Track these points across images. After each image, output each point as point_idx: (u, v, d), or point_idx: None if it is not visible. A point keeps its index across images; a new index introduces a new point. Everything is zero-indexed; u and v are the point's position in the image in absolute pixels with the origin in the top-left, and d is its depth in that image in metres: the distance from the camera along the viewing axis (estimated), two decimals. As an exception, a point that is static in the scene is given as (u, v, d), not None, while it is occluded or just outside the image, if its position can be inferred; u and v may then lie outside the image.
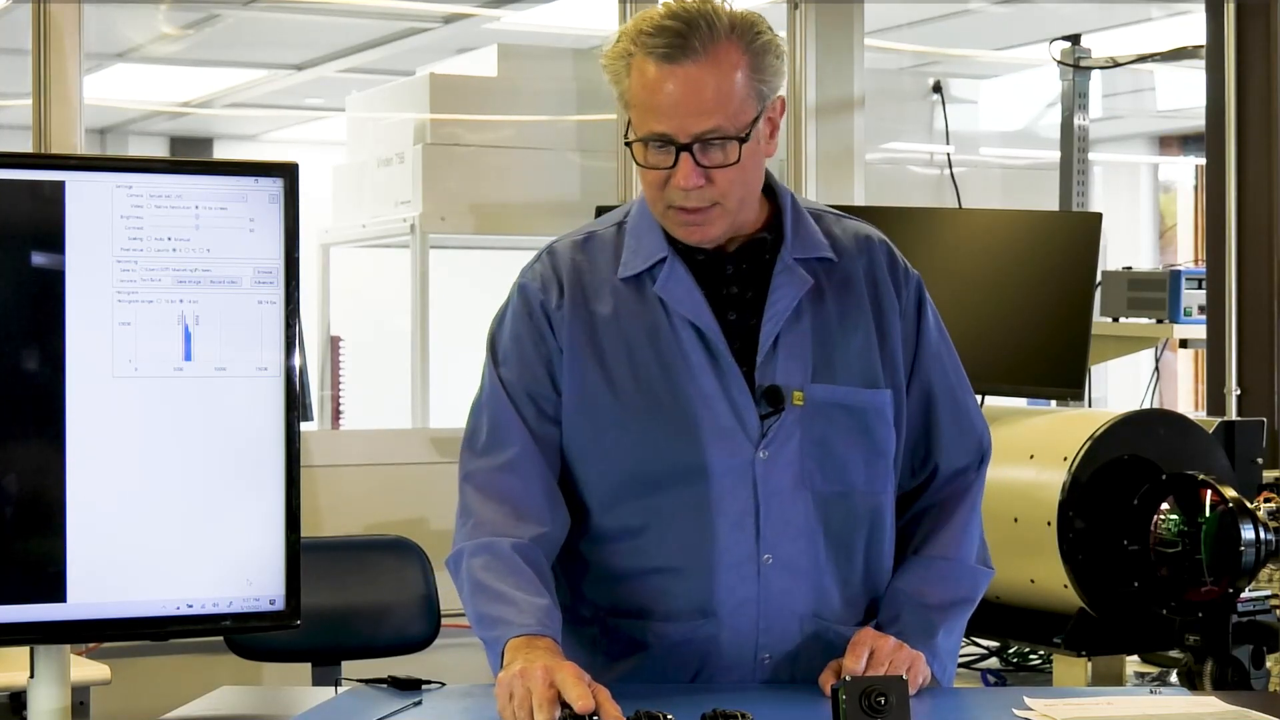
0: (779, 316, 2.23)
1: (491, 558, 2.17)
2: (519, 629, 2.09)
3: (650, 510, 2.22)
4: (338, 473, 4.54)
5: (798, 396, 2.22)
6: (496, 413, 2.27)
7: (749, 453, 2.21)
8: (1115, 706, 2.15)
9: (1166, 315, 4.41)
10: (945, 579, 2.32)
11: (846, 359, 2.26)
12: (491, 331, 2.32)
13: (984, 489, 2.40)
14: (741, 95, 2.14)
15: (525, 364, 2.26)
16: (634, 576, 2.25)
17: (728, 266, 2.25)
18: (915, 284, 2.34)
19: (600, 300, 2.25)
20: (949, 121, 6.36)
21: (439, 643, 3.49)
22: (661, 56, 2.12)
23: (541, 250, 2.32)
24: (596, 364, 2.23)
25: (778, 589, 2.23)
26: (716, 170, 2.14)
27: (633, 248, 2.26)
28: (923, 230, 3.71)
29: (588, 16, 6.09)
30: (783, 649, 2.24)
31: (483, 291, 4.82)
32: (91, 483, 2.09)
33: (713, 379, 2.21)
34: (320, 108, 8.82)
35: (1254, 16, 4.31)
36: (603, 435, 2.24)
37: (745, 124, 2.15)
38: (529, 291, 2.28)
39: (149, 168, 2.15)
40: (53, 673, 2.15)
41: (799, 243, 2.26)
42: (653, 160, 2.16)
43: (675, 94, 2.12)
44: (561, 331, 2.25)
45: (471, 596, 2.17)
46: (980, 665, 3.56)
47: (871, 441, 2.27)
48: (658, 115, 2.13)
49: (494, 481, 2.24)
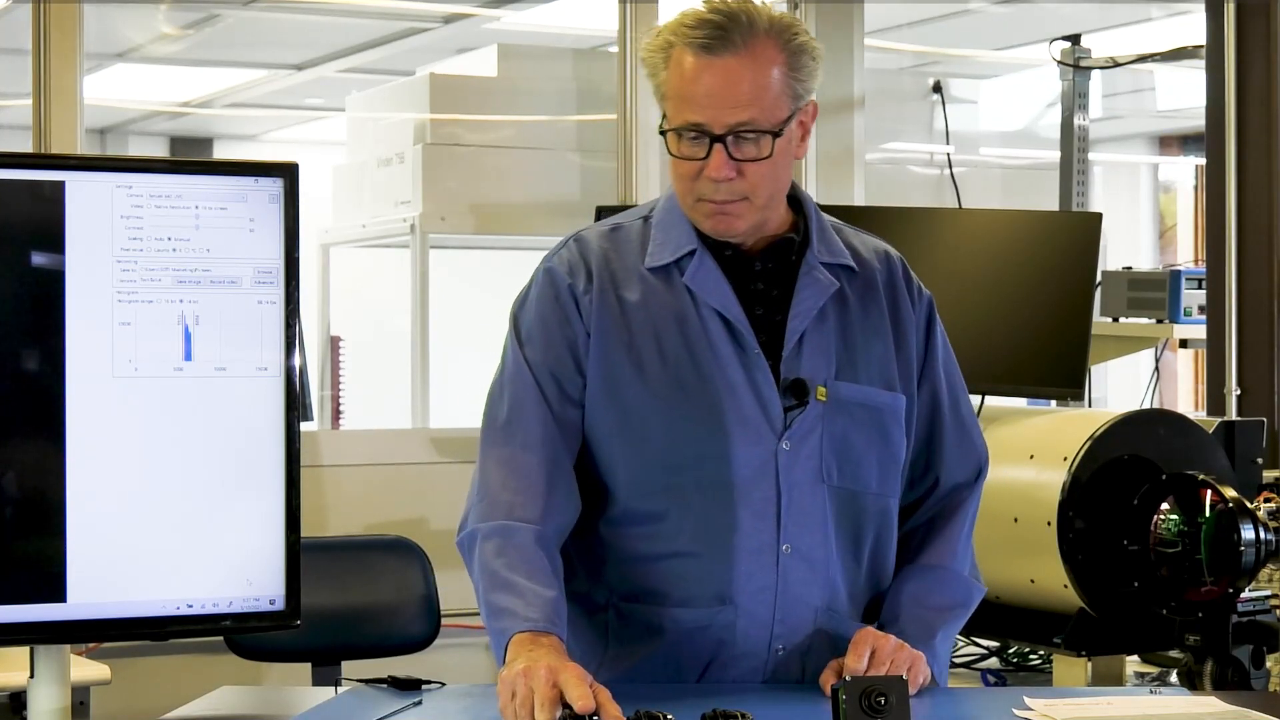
0: (806, 314, 2.25)
1: (504, 542, 2.17)
2: (525, 624, 2.09)
3: (673, 495, 2.23)
4: (338, 473, 4.54)
5: (821, 392, 2.24)
6: (519, 392, 2.27)
7: (772, 443, 2.23)
8: (1115, 706, 2.15)
9: (1166, 315, 4.41)
10: (944, 585, 2.34)
11: (868, 360, 2.29)
12: (514, 312, 2.32)
13: (977, 509, 2.42)
14: (777, 91, 2.17)
15: (550, 345, 2.26)
16: (653, 561, 2.26)
17: (755, 264, 2.28)
18: (927, 303, 2.38)
19: (628, 287, 2.26)
20: (949, 121, 6.36)
21: (439, 643, 3.49)
22: (701, 47, 2.15)
23: (568, 238, 2.34)
24: (624, 348, 2.24)
25: (795, 579, 2.24)
26: (748, 164, 2.17)
27: (660, 240, 2.28)
28: (923, 230, 3.71)
29: (588, 16, 6.10)
30: (795, 640, 2.26)
31: (483, 291, 4.84)
32: (91, 483, 2.09)
33: (739, 369, 2.23)
34: (320, 108, 8.82)
35: (1254, 16, 4.31)
36: (629, 418, 2.24)
37: (779, 120, 2.18)
38: (556, 275, 2.29)
39: (149, 168, 2.15)
40: (53, 673, 2.15)
41: (824, 247, 2.30)
42: (686, 151, 2.18)
43: (712, 85, 2.15)
44: (589, 315, 2.25)
45: (482, 581, 2.17)
46: (980, 665, 3.56)
47: (887, 444, 2.30)
48: (694, 105, 2.16)
49: (512, 462, 2.23)
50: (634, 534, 2.27)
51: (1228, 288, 4.33)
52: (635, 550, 2.27)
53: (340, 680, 2.30)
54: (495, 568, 2.16)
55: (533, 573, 2.15)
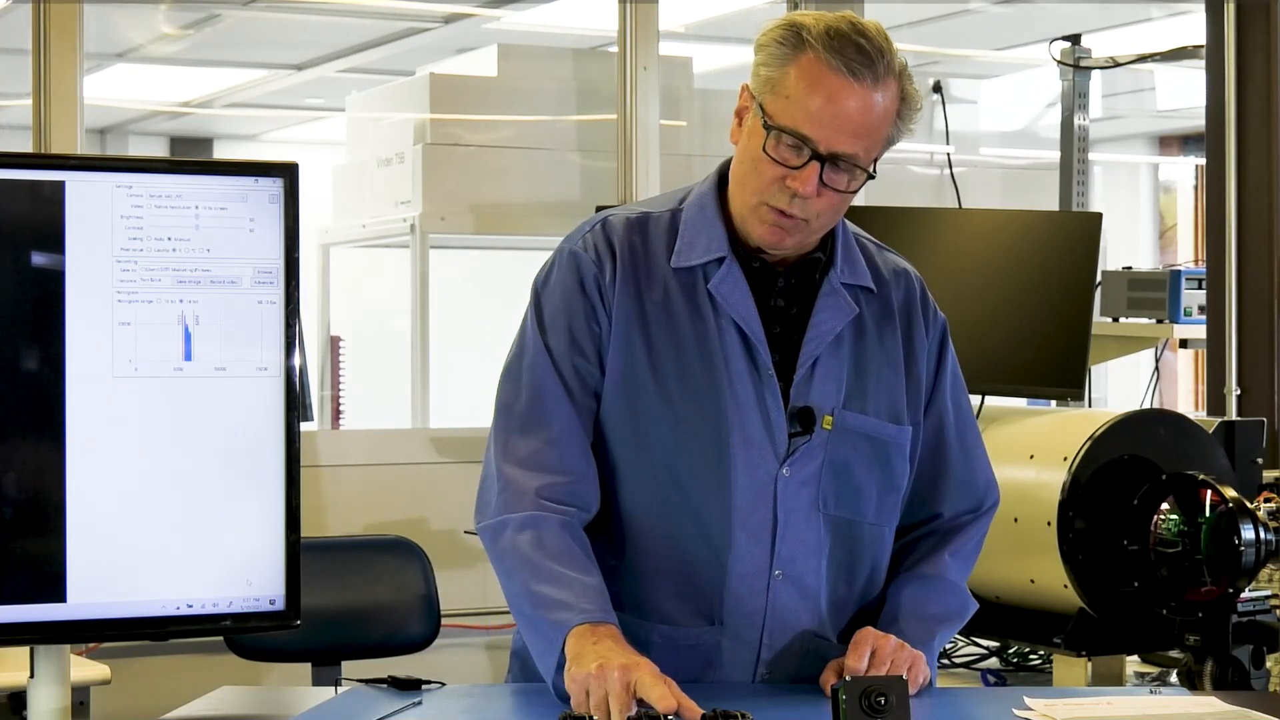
0: (822, 338, 2.23)
1: (539, 533, 2.15)
2: (581, 615, 2.08)
3: (670, 507, 2.22)
4: (338, 473, 4.54)
5: (828, 421, 2.22)
6: (540, 381, 2.23)
7: (773, 468, 2.21)
8: (1115, 706, 2.15)
9: (1166, 315, 4.41)
10: (942, 594, 2.33)
11: (878, 391, 2.26)
12: (536, 289, 2.28)
13: (985, 537, 2.41)
14: (883, 134, 2.16)
15: (574, 334, 2.23)
16: (646, 575, 2.24)
17: (779, 280, 2.25)
18: (941, 326, 2.35)
19: (652, 284, 2.23)
20: (949, 121, 6.36)
21: (439, 643, 3.49)
22: (845, 67, 2.10)
23: (594, 220, 2.29)
24: (644, 347, 2.22)
25: (785, 605, 2.23)
26: (830, 191, 2.14)
27: (689, 239, 2.24)
28: (923, 230, 3.71)
29: (588, 16, 6.10)
30: (782, 665, 2.25)
31: (483, 291, 4.85)
32: (91, 483, 2.09)
33: (750, 389, 2.21)
34: (320, 108, 8.83)
35: (1254, 16, 4.31)
36: (637, 420, 2.22)
37: (873, 160, 2.16)
38: (582, 261, 2.24)
39: (149, 168, 2.15)
40: (53, 673, 2.15)
41: (847, 268, 2.27)
42: (782, 155, 2.14)
43: (841, 108, 2.11)
44: (613, 307, 2.22)
45: (521, 571, 2.15)
46: (980, 665, 3.55)
47: (888, 475, 2.28)
48: (813, 119, 2.11)
49: (539, 455, 2.20)
50: (628, 543, 2.25)
51: (1228, 288, 4.33)
52: (628, 560, 2.25)
53: (340, 680, 2.30)
54: (536, 558, 2.14)
55: (574, 563, 2.14)
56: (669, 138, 4.98)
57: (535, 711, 2.13)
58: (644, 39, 4.94)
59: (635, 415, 2.22)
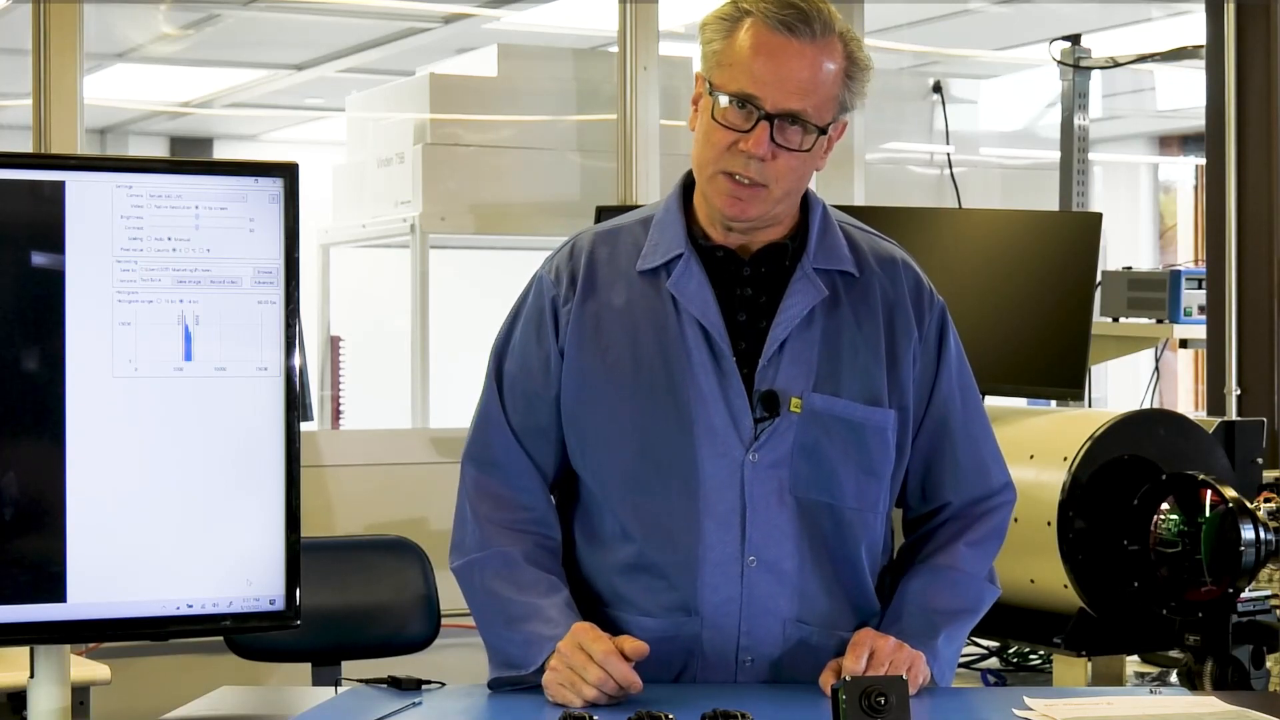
0: (789, 321, 2.24)
1: (506, 568, 2.27)
2: (551, 641, 2.19)
3: (640, 503, 2.25)
4: (338, 473, 4.54)
5: (796, 404, 2.23)
6: (487, 409, 2.35)
7: (739, 455, 2.22)
8: (1115, 706, 2.15)
9: (1166, 315, 4.41)
10: (954, 587, 2.33)
11: (852, 373, 2.26)
12: (508, 316, 2.37)
13: (1005, 527, 2.41)
14: (830, 93, 2.19)
15: (526, 359, 2.31)
16: (621, 568, 2.27)
17: (745, 268, 2.27)
18: (939, 312, 2.35)
19: (614, 291, 2.27)
20: (949, 121, 6.36)
21: (439, 643, 3.49)
22: (781, 24, 2.15)
23: (567, 240, 2.36)
24: (599, 358, 2.26)
25: (761, 591, 2.24)
26: (784, 151, 2.17)
27: (654, 241, 2.28)
28: (923, 230, 3.71)
29: (588, 16, 6.10)
30: (764, 651, 2.25)
31: (483, 291, 4.84)
32: (91, 483, 2.09)
33: (712, 378, 2.22)
34: (320, 108, 8.82)
35: (1254, 16, 4.31)
36: (600, 425, 2.26)
37: (825, 120, 2.19)
38: (543, 285, 2.32)
39: (149, 168, 2.15)
40: (53, 673, 2.15)
41: (822, 253, 2.28)
42: (730, 119, 2.17)
43: (781, 63, 2.15)
44: (565, 329, 2.27)
45: (490, 607, 2.27)
46: (980, 665, 3.55)
47: (866, 458, 2.27)
48: (756, 79, 2.16)
49: (486, 484, 2.33)
50: (605, 543, 2.29)
51: (1228, 288, 4.33)
52: (604, 557, 2.29)
53: (340, 680, 2.30)
54: (508, 595, 2.25)
55: (542, 588, 2.24)
56: (669, 138, 4.98)
57: (535, 712, 2.14)
58: (644, 39, 4.94)
59: (596, 422, 2.26)
